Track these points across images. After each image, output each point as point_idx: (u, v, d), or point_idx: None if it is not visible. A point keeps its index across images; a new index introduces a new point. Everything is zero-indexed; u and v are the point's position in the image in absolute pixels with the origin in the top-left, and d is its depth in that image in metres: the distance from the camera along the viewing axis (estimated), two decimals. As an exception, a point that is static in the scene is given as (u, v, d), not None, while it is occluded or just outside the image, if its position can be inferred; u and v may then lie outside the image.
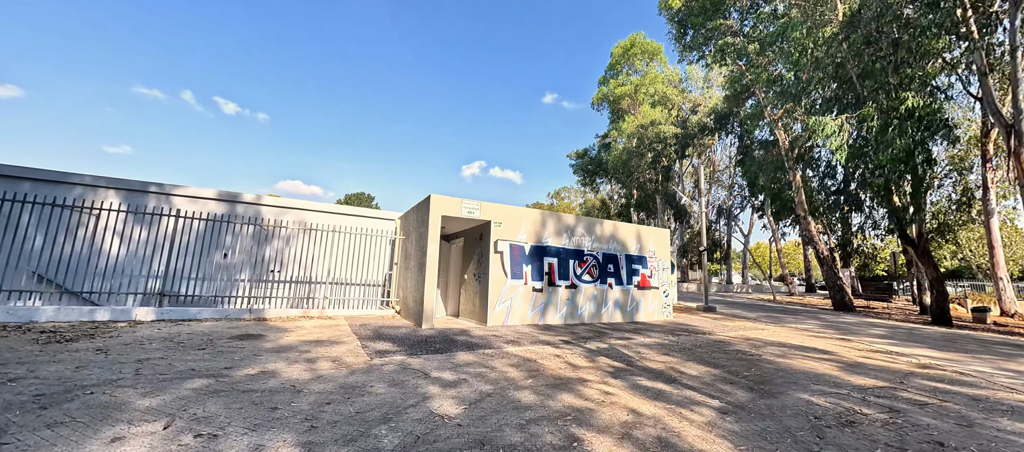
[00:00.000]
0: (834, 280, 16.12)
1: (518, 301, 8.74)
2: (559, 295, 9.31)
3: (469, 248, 9.76)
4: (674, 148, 31.40)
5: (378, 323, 8.12)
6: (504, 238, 8.78)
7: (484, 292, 8.58)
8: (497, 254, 8.65)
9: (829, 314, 14.96)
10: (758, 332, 9.35)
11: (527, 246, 9.07)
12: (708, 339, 7.95)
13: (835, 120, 11.79)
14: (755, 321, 11.87)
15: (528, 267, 9.00)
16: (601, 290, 10.00)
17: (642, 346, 6.82)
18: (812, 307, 18.30)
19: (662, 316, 11.16)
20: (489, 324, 8.30)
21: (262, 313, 8.12)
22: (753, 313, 14.26)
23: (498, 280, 8.55)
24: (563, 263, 9.54)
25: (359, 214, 10.68)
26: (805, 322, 12.20)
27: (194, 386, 3.71)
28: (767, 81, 16.70)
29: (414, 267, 8.63)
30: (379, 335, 6.74)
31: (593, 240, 10.12)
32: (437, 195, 8.16)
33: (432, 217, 8.00)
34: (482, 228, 9.12)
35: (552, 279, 9.30)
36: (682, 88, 33.57)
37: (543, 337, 7.25)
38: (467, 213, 8.43)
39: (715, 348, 6.96)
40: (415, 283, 8.41)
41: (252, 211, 9.60)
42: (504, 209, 8.92)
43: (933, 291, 12.51)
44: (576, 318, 9.48)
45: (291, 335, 6.40)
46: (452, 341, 6.45)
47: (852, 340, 8.74)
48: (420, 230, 8.50)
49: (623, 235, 10.75)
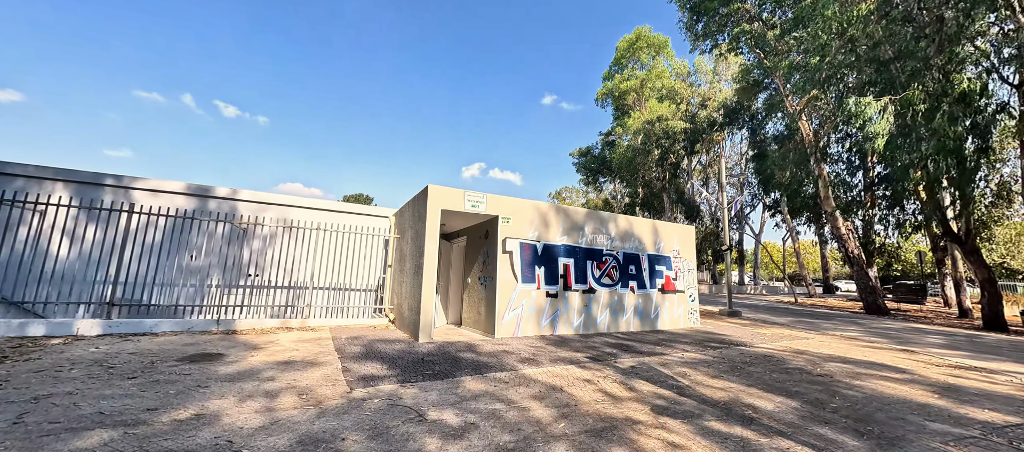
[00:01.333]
0: (865, 281, 14.98)
1: (529, 309, 7.60)
2: (574, 301, 8.16)
3: (472, 248, 8.62)
4: (683, 144, 30.26)
5: (369, 335, 6.97)
6: (514, 236, 7.63)
7: (491, 298, 7.44)
8: (506, 254, 7.51)
9: (864, 318, 13.80)
10: (803, 342, 8.21)
11: (539, 245, 7.92)
12: (753, 353, 6.80)
13: (877, 102, 10.65)
14: (790, 328, 10.72)
15: (540, 269, 7.86)
16: (620, 295, 8.85)
17: (683, 364, 5.66)
18: (840, 310, 17.14)
19: (688, 323, 10.00)
20: (497, 336, 7.16)
21: (233, 324, 6.98)
22: (782, 318, 13.11)
23: (507, 284, 7.41)
24: (580, 264, 8.39)
25: (349, 211, 9.54)
26: (845, 329, 11.04)
27: (85, 445, 2.56)
28: (789, 68, 15.56)
29: (410, 270, 7.49)
30: (367, 353, 5.59)
31: (612, 238, 8.98)
32: (436, 186, 7.02)
33: (430, 212, 6.86)
34: (488, 225, 7.98)
35: (568, 282, 8.15)
36: (691, 82, 32.44)
37: (562, 353, 6.10)
38: (471, 207, 7.29)
39: (771, 366, 5.80)
40: (411, 288, 7.27)
41: (227, 207, 8.47)
42: (513, 203, 7.78)
43: (984, 293, 11.36)
44: (592, 328, 8.33)
45: (259, 354, 5.26)
46: (455, 361, 5.31)
47: (917, 352, 7.59)
48: (417, 227, 7.36)
49: (644, 232, 9.60)
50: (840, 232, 15.73)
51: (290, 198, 8.96)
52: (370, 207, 9.82)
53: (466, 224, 8.76)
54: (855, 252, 15.43)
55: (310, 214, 9.07)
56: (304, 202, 9.10)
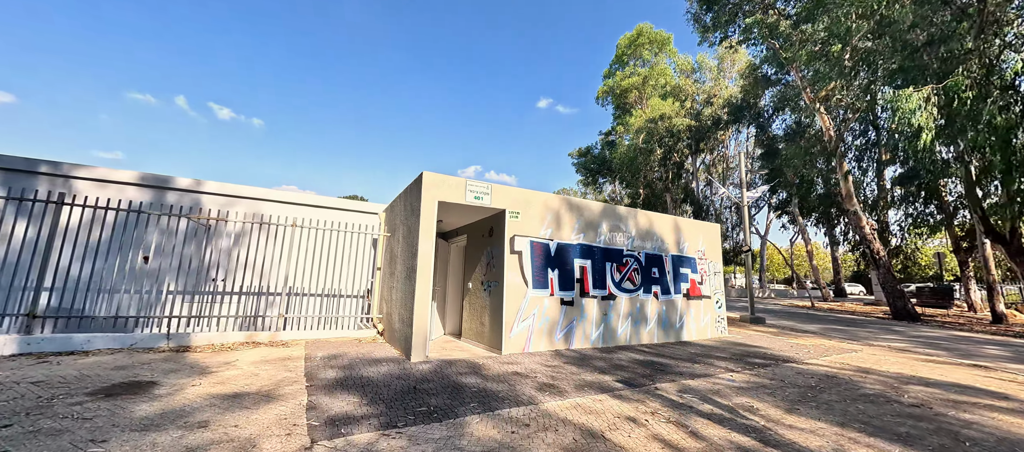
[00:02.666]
0: (893, 285, 14.00)
1: (542, 319, 6.48)
2: (592, 310, 7.06)
3: (474, 248, 7.50)
4: (687, 143, 29.33)
5: (351, 352, 5.82)
6: (523, 233, 6.53)
7: (497, 307, 6.32)
8: (515, 255, 6.39)
9: (897, 324, 12.80)
10: (854, 356, 7.15)
11: (552, 244, 6.82)
12: (810, 372, 5.71)
13: (919, 92, 9.66)
14: (825, 337, 9.67)
15: (554, 273, 6.75)
16: (642, 301, 7.76)
17: (740, 391, 4.57)
18: (863, 315, 16.16)
19: (716, 332, 8.92)
20: (505, 352, 6.03)
21: (187, 339, 5.81)
22: (810, 325, 12.07)
23: (516, 290, 6.29)
24: (598, 267, 7.29)
25: (332, 206, 8.38)
26: (886, 337, 10.01)
27: None
28: (809, 57, 14.62)
29: (401, 273, 6.36)
30: (345, 379, 4.45)
31: (631, 237, 7.89)
32: (432, 173, 5.91)
33: (425, 204, 5.74)
34: (493, 221, 6.86)
35: (584, 288, 7.05)
36: (695, 79, 31.58)
37: (587, 375, 4.99)
38: (473, 199, 6.18)
39: (845, 392, 4.72)
40: (403, 295, 6.13)
41: (188, 201, 7.30)
42: (521, 195, 6.68)
43: (1031, 298, 10.39)
44: (612, 340, 7.22)
45: (204, 382, 4.10)
46: (457, 389, 4.18)
47: (991, 368, 6.54)
48: (409, 223, 6.23)
49: (666, 230, 8.52)
50: (864, 232, 14.76)
51: (263, 191, 7.80)
52: (356, 202, 8.68)
53: (467, 220, 7.64)
54: (881, 254, 14.46)
55: (287, 210, 7.91)
56: (280, 195, 7.93)
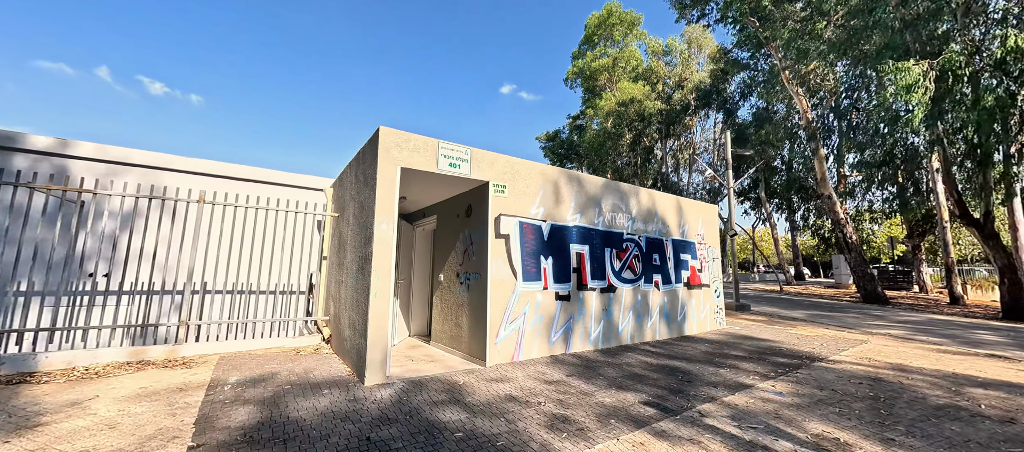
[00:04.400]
0: (864, 269, 14.09)
1: (535, 318, 5.22)
2: (592, 304, 5.89)
3: (447, 232, 6.07)
4: (656, 128, 28.97)
5: (282, 372, 4.29)
6: (511, 212, 5.19)
7: (479, 305, 4.97)
8: (500, 239, 5.05)
9: (873, 308, 12.78)
10: (869, 349, 6.51)
11: (545, 226, 5.54)
12: (852, 374, 4.87)
13: (919, 66, 9.19)
14: (819, 324, 9.17)
15: (548, 261, 5.48)
16: (644, 292, 6.71)
17: (798, 409, 3.55)
18: (832, 298, 16.32)
19: (715, 324, 8.10)
20: (490, 362, 4.73)
21: (33, 362, 4.03)
22: (794, 311, 11.71)
23: (502, 284, 4.97)
24: (597, 253, 6.11)
25: (263, 180, 6.61)
26: (875, 324, 9.69)
27: None
28: (790, 35, 14.14)
29: (352, 264, 4.83)
30: (261, 425, 2.96)
31: (632, 218, 6.78)
32: (391, 130, 4.40)
33: (383, 172, 4.25)
34: (472, 197, 5.46)
35: (582, 278, 5.85)
36: (667, 62, 31.18)
37: (603, 395, 3.79)
38: (448, 167, 4.73)
39: (914, 405, 3.84)
40: (354, 293, 4.62)
41: (50, 168, 5.32)
42: (509, 164, 5.31)
43: (1004, 280, 10.50)
44: (614, 339, 6.12)
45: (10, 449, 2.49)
46: (433, 434, 2.83)
47: (1010, 358, 6.06)
48: (362, 198, 4.70)
49: (668, 211, 7.50)
50: (838, 217, 14.75)
51: (162, 157, 5.89)
52: (296, 176, 6.93)
53: (438, 195, 6.18)
54: (854, 238, 14.51)
55: (198, 183, 6.07)
56: (186, 164, 6.05)
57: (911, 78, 9.12)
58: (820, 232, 23.64)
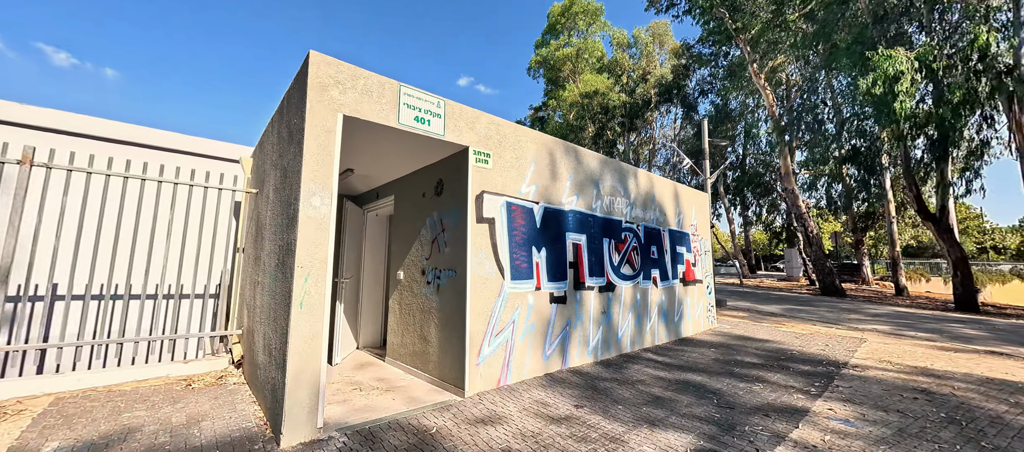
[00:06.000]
0: (822, 263, 14.40)
1: (526, 326, 4.04)
2: (590, 306, 4.81)
3: (409, 215, 4.70)
4: (620, 121, 28.76)
5: (144, 429, 2.78)
6: (496, 190, 3.95)
7: (453, 313, 3.70)
8: (483, 224, 3.80)
9: (838, 301, 12.94)
10: (874, 349, 6.02)
11: (538, 209, 4.36)
12: (886, 381, 4.17)
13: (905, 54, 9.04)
14: (801, 320, 8.82)
15: (541, 253, 4.31)
16: (643, 290, 5.76)
17: (879, 444, 2.66)
18: (788, 290, 16.66)
19: (708, 323, 7.38)
20: (471, 390, 3.49)
21: None
22: (766, 305, 11.48)
23: (486, 284, 3.73)
24: (595, 244, 5.04)
25: (153, 144, 4.83)
26: (856, 317, 9.54)
27: None
28: (763, 26, 13.99)
29: (270, 257, 3.34)
30: None
31: (631, 203, 5.78)
32: (327, 59, 2.99)
33: (314, 120, 2.85)
34: (445, 168, 4.14)
35: (580, 275, 4.75)
36: (631, 54, 31.05)
37: (638, 439, 2.71)
38: (413, 122, 3.38)
39: (999, 427, 3.11)
40: (271, 299, 3.16)
41: None
42: (494, 125, 4.05)
43: (957, 273, 10.88)
44: (614, 347, 5.10)
45: None
46: None
47: (1004, 353, 5.78)
48: (284, 161, 3.23)
49: (666, 197, 6.61)
50: (800, 210, 14.98)
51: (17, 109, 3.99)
52: (202, 141, 5.18)
53: (398, 168, 4.78)
54: (814, 232, 14.79)
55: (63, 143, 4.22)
56: (33, 116, 4.17)
57: (898, 66, 8.94)
58: (772, 227, 24.56)
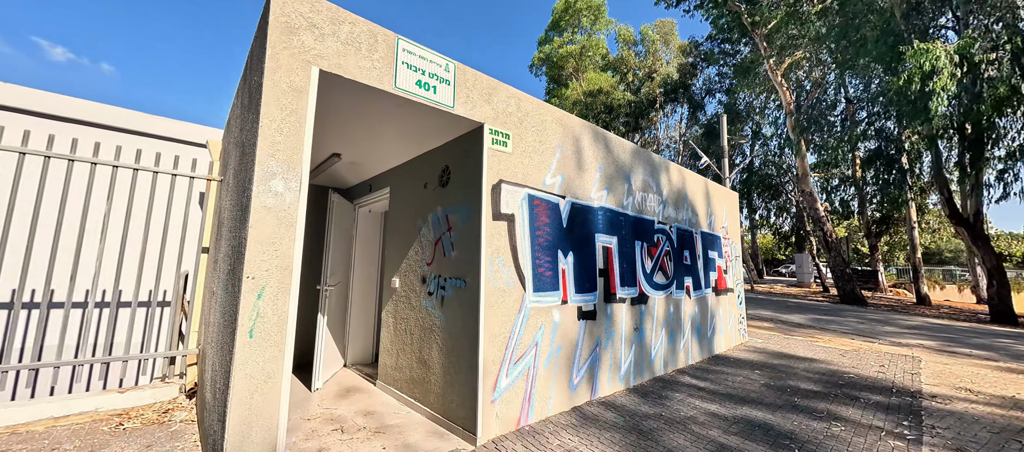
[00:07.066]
0: (842, 268, 13.69)
1: (551, 350, 3.26)
2: (621, 322, 4.04)
3: (407, 213, 3.90)
4: (624, 121, 28.05)
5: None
6: (516, 179, 3.17)
7: (463, 333, 2.92)
8: (500, 221, 3.02)
9: (858, 310, 12.22)
10: (934, 370, 5.27)
11: (564, 204, 3.58)
12: (984, 420, 3.41)
13: (943, 48, 8.33)
14: (834, 332, 8.08)
15: (568, 259, 3.54)
16: (676, 302, 4.99)
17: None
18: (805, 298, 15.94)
19: (739, 337, 6.63)
20: (484, 435, 2.71)
21: None
22: (789, 314, 10.73)
23: (503, 298, 2.96)
24: (626, 249, 4.26)
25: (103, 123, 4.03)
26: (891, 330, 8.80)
27: None
28: (783, 19, 13.28)
29: (224, 260, 2.55)
30: None
31: (663, 200, 5.02)
32: (304, -3, 2.20)
33: (276, 72, 2.06)
34: (451, 152, 3.37)
35: (610, 286, 3.97)
36: (636, 52, 30.34)
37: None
38: (415, 88, 2.60)
39: None
40: (221, 318, 2.36)
41: None
42: (513, 100, 3.27)
43: (993, 282, 10.18)
44: (647, 370, 4.32)
45: None
46: None
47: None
48: (244, 135, 2.44)
49: (697, 194, 5.85)
50: (818, 214, 14.27)
51: None
52: (165, 121, 4.39)
53: (396, 153, 3.99)
54: (834, 237, 14.08)
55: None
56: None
57: (935, 61, 8.22)
58: (780, 230, 23.87)
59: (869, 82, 11.74)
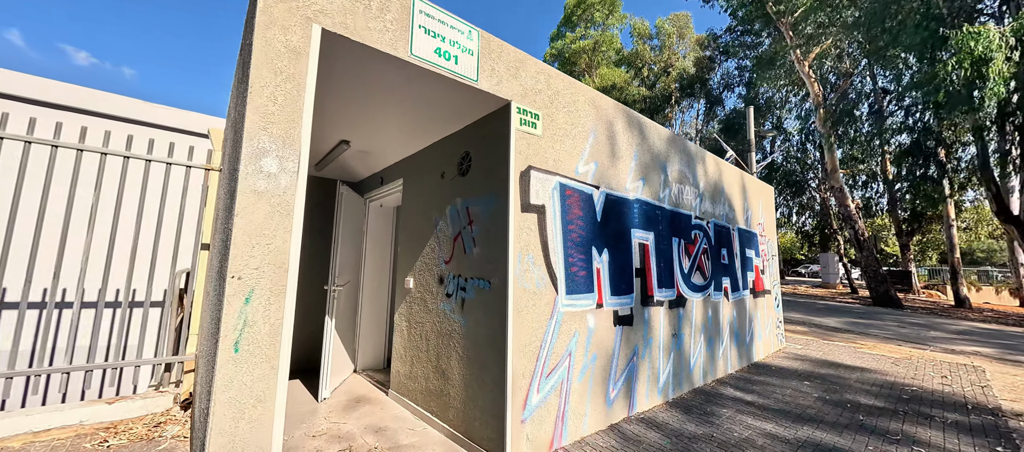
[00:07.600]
0: (875, 269, 12.98)
1: (586, 360, 2.87)
2: (659, 328, 3.62)
3: (422, 206, 3.55)
4: (638, 116, 27.40)
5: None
6: (548, 167, 2.79)
7: (488, 341, 2.55)
8: (530, 214, 2.64)
9: (894, 313, 11.54)
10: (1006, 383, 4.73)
11: (598, 195, 3.18)
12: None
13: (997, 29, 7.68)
14: (873, 336, 7.52)
15: (602, 256, 3.14)
16: (714, 305, 4.55)
17: None
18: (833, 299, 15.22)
19: (777, 342, 6.15)
20: (513, 464, 2.32)
21: None
22: (822, 317, 10.14)
23: (534, 300, 2.57)
24: (663, 246, 3.85)
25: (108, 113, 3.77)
26: (937, 335, 8.19)
27: None
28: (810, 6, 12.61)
29: (213, 259, 2.21)
30: None
31: (700, 194, 4.58)
32: (304, -57, 1.84)
33: (266, 32, 1.71)
34: (473, 136, 3.00)
35: (648, 288, 3.56)
36: (652, 46, 29.64)
37: None
38: (433, 56, 2.24)
39: None
40: (210, 323, 2.02)
41: None
42: (543, 75, 2.88)
43: (1047, 283, 9.43)
44: (686, 382, 3.90)
45: None
46: None
47: None
48: (236, 113, 2.10)
49: (734, 187, 5.38)
50: (849, 211, 13.56)
51: None
52: (166, 109, 4.12)
53: (411, 141, 3.63)
54: (865, 235, 13.36)
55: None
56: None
57: (993, 42, 7.58)
58: (803, 229, 23.02)
59: (900, 73, 11.03)
